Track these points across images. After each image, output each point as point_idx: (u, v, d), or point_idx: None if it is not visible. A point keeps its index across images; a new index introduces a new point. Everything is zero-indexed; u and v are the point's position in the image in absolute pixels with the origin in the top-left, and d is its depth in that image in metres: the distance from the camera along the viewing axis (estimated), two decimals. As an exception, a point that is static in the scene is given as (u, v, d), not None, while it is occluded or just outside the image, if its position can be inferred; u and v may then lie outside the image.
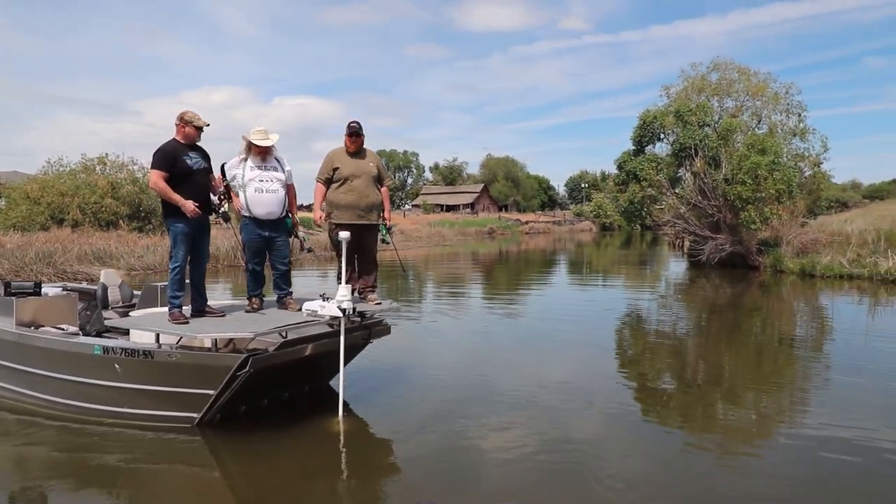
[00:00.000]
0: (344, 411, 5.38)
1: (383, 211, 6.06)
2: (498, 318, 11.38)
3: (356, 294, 5.89)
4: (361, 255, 6.08)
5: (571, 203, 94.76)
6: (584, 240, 49.90)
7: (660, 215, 21.26)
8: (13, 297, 5.71)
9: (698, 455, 4.77)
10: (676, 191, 20.94)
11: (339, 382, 5.45)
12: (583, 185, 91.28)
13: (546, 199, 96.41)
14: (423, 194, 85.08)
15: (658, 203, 21.13)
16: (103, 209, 24.37)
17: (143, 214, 25.96)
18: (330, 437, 5.08)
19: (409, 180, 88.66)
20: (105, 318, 5.86)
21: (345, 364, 5.42)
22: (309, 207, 21.41)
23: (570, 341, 9.05)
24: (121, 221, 24.31)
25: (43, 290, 6.12)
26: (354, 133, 5.84)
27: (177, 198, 5.11)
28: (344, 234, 5.40)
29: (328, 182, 5.89)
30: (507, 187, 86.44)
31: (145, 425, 5.11)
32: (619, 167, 21.77)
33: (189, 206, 5.10)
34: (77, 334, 5.58)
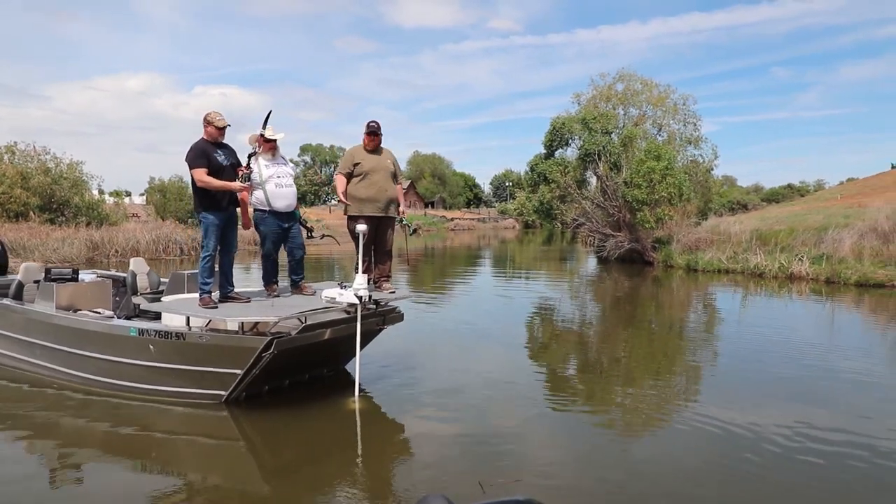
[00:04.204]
0: (359, 392, 5.73)
1: (399, 205, 6.38)
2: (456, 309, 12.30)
3: (372, 283, 6.15)
4: (378, 246, 6.38)
5: (496, 201, 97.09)
6: (508, 237, 51.57)
7: (569, 214, 22.87)
8: (53, 283, 6.06)
9: (606, 437, 5.17)
10: (583, 192, 22.63)
11: (356, 366, 5.73)
12: (507, 184, 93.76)
13: (472, 196, 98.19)
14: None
15: (566, 202, 22.75)
16: (12, 200, 23.47)
17: (55, 206, 25.18)
18: (346, 416, 5.43)
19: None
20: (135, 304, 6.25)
21: (360, 349, 5.71)
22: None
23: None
24: (31, 212, 23.53)
25: (80, 276, 6.48)
26: (373, 132, 6.16)
27: (225, 183, 5.45)
28: (361, 227, 5.68)
29: (349, 176, 6.20)
30: (434, 184, 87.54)
31: (176, 402, 5.45)
32: (531, 169, 23.25)
33: (236, 185, 5.50)
34: (112, 317, 5.94)
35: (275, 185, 5.87)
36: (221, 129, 5.63)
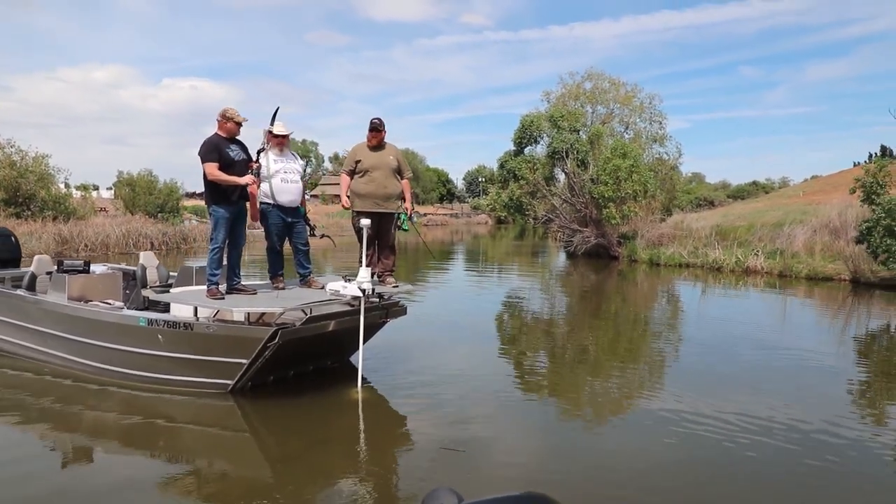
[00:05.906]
0: (362, 384, 5.85)
1: (403, 200, 6.47)
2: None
3: (375, 277, 6.23)
4: (381, 241, 6.46)
5: (469, 196, 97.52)
6: (481, 232, 51.92)
7: (539, 210, 23.37)
8: (66, 274, 6.20)
9: (576, 426, 5.35)
10: (551, 188, 23.16)
11: (359, 357, 5.83)
12: (480, 180, 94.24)
13: (445, 192, 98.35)
14: (322, 184, 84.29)
15: (536, 199, 23.26)
16: (-24, 193, 23.11)
17: (20, 200, 24.79)
18: (349, 406, 5.59)
19: (308, 170, 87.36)
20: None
21: (364, 341, 5.80)
22: (201, 195, 21.49)
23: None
24: (-4, 207, 23.20)
25: (91, 268, 6.62)
26: (375, 129, 6.23)
27: (233, 178, 5.58)
28: (365, 222, 5.82)
29: (352, 173, 6.33)
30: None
31: (183, 391, 5.55)
32: (501, 166, 23.69)
33: (243, 180, 5.63)
34: (122, 308, 6.05)
35: (280, 180, 6.00)
36: (239, 125, 5.78)
